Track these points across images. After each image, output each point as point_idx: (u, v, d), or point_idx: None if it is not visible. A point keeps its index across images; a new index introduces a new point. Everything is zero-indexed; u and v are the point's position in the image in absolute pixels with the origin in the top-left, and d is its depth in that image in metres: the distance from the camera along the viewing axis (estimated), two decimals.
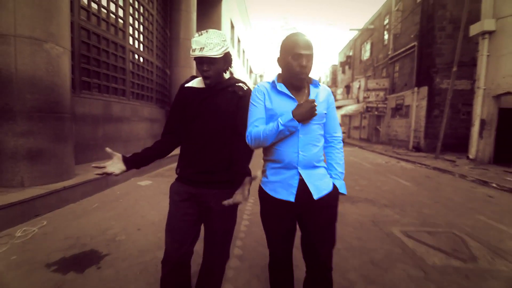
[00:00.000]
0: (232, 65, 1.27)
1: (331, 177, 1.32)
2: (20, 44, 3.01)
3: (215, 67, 1.22)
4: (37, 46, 3.12)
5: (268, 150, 1.28)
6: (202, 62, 1.21)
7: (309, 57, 1.17)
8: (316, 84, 1.29)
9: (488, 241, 2.66)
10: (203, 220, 1.33)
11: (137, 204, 3.47)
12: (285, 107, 1.20)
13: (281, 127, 1.14)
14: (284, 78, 1.26)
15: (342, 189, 1.30)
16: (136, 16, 6.50)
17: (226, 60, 1.27)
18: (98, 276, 1.87)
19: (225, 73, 1.34)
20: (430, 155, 10.11)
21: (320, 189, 1.23)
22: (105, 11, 5.33)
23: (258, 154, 1.38)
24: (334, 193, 1.28)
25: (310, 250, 1.29)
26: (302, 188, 1.21)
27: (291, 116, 1.13)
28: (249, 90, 1.32)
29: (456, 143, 10.62)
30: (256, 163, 1.76)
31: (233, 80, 1.32)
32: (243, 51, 23.04)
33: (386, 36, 15.21)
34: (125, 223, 2.82)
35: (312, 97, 1.24)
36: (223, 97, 1.27)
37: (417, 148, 11.68)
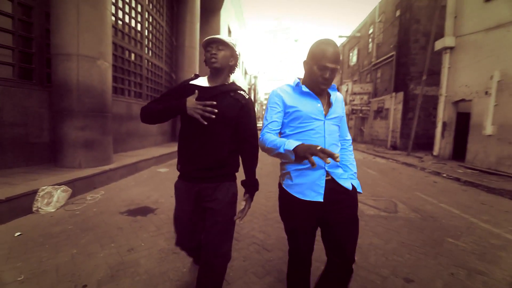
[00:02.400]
0: (236, 69, 1.42)
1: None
2: (81, 62, 4.07)
3: (222, 53, 1.28)
4: (92, 62, 4.18)
5: None
6: (212, 44, 1.28)
7: (334, 71, 1.19)
8: (334, 88, 1.35)
9: (413, 205, 3.89)
10: (205, 214, 1.37)
11: (162, 183, 4.57)
12: (308, 106, 1.25)
13: (281, 150, 1.15)
14: (305, 82, 1.30)
15: (359, 188, 1.35)
16: (150, 28, 7.55)
17: (233, 55, 1.33)
18: (157, 217, 2.99)
19: (229, 76, 1.40)
20: (404, 152, 11.48)
21: (347, 183, 1.29)
22: (128, 27, 6.38)
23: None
24: (354, 192, 1.31)
25: (334, 246, 1.27)
26: (328, 187, 1.23)
27: (292, 148, 1.10)
28: (250, 99, 1.39)
29: (427, 142, 12.02)
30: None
31: (235, 86, 1.36)
32: (239, 54, 24.04)
33: (370, 45, 16.59)
34: (160, 193, 3.93)
35: (331, 100, 1.32)
36: (225, 101, 1.30)
37: (394, 147, 13.08)
